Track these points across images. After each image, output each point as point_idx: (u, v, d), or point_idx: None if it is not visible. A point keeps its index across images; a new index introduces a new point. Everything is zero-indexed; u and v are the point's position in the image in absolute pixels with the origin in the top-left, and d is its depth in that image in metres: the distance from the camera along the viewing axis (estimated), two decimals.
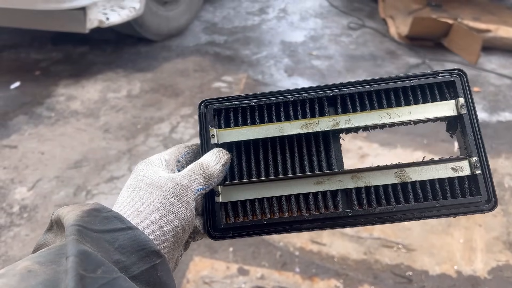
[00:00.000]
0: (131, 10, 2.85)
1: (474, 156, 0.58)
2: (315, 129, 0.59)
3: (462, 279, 1.68)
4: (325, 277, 1.66)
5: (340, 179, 0.58)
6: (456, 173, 0.58)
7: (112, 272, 0.37)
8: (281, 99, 0.60)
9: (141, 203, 0.48)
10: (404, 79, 0.60)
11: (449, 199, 0.57)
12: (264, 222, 0.57)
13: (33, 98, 2.73)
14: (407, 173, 0.58)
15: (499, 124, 2.69)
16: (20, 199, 1.97)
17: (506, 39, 3.49)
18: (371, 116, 0.59)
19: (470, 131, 0.59)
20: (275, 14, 4.21)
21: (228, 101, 0.61)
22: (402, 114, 0.59)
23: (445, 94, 0.61)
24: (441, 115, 0.59)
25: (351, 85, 0.61)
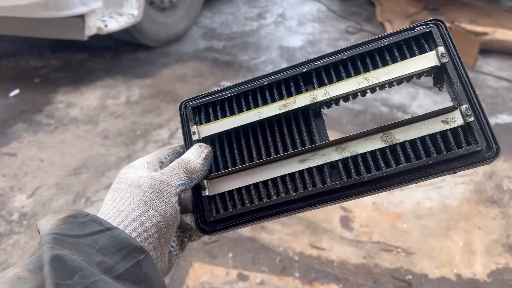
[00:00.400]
0: (130, 17, 2.86)
1: (464, 104, 0.54)
2: (293, 108, 0.57)
3: (462, 282, 1.68)
4: (325, 282, 1.66)
5: (324, 153, 0.56)
6: (448, 125, 0.54)
7: (90, 276, 0.37)
8: (256, 85, 0.59)
9: (122, 203, 0.48)
10: (377, 40, 0.57)
11: (443, 153, 0.52)
12: (252, 209, 0.56)
13: (32, 105, 2.74)
14: (393, 135, 0.54)
15: (497, 127, 2.69)
16: (20, 206, 1.97)
17: (503, 42, 3.50)
18: (349, 84, 0.56)
19: (456, 78, 0.55)
20: (273, 19, 4.23)
21: (206, 97, 0.62)
22: (380, 76, 0.56)
23: (424, 47, 0.57)
24: (422, 68, 0.55)
25: (324, 58, 0.58)
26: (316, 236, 1.85)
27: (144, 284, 0.43)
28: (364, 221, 1.93)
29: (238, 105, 0.61)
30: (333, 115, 2.73)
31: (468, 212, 2.01)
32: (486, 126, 0.54)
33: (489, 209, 2.03)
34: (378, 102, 2.91)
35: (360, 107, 2.85)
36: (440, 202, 2.06)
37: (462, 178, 2.22)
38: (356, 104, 2.88)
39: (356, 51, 0.57)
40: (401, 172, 0.53)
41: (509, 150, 2.46)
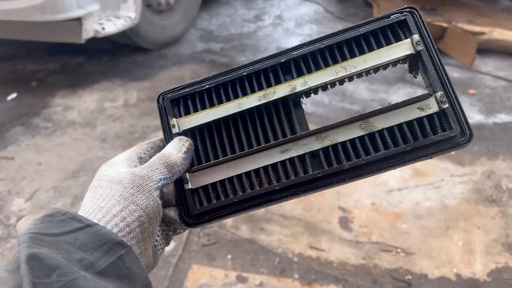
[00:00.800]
0: (127, 19, 2.86)
1: (439, 91, 0.55)
2: (272, 98, 0.57)
3: (462, 282, 1.67)
4: (324, 283, 1.65)
5: (305, 142, 0.56)
6: (424, 112, 0.55)
7: (69, 273, 0.37)
8: (235, 76, 0.59)
9: (102, 199, 0.48)
10: (354, 29, 0.58)
11: (420, 140, 0.54)
12: (236, 200, 0.56)
13: (30, 109, 2.74)
14: (372, 123, 0.55)
15: (495, 126, 2.69)
16: (18, 210, 1.96)
17: (501, 41, 3.51)
18: (327, 73, 0.57)
19: (431, 66, 0.56)
20: (270, 21, 4.24)
21: (184, 88, 0.61)
22: (357, 64, 0.57)
23: (399, 35, 0.58)
24: (398, 56, 0.57)
25: (302, 47, 0.59)
26: (315, 237, 1.85)
27: (127, 278, 0.42)
28: (363, 221, 1.92)
29: (217, 97, 0.60)
30: (331, 115, 2.73)
31: (467, 211, 2.01)
32: (460, 112, 0.55)
33: (488, 209, 2.03)
34: (376, 103, 2.91)
35: (358, 107, 2.85)
36: (439, 202, 2.06)
37: (461, 177, 2.22)
38: (354, 104, 2.88)
39: (333, 40, 0.58)
40: (380, 159, 0.54)
41: (508, 150, 2.45)
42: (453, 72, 3.33)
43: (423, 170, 2.27)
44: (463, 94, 3.04)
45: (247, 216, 1.91)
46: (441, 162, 2.33)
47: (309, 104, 2.86)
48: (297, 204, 2.00)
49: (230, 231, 1.86)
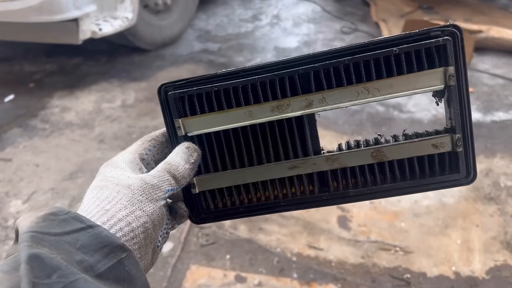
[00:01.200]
0: (124, 20, 2.86)
1: (458, 133, 0.53)
2: (286, 112, 0.53)
3: (460, 280, 1.67)
4: (323, 282, 1.65)
5: (315, 162, 0.55)
6: (437, 150, 0.54)
7: (69, 275, 0.36)
8: (246, 81, 0.54)
9: (108, 201, 0.47)
10: (388, 45, 0.51)
11: (426, 178, 0.54)
12: (241, 209, 0.58)
13: (27, 110, 2.73)
14: (384, 153, 0.54)
15: (493, 124, 2.69)
16: (15, 212, 1.96)
17: (498, 39, 3.51)
18: (348, 93, 0.52)
19: (457, 104, 0.52)
20: (268, 20, 4.23)
21: (190, 85, 0.55)
22: (382, 88, 0.52)
23: (435, 60, 0.52)
24: (426, 87, 0.52)
25: (325, 56, 0.53)
26: (314, 236, 1.84)
27: (126, 283, 0.42)
28: (362, 220, 1.92)
29: (226, 100, 0.55)
30: (329, 114, 2.73)
31: (466, 210, 2.01)
32: (471, 157, 0.54)
33: (487, 207, 2.03)
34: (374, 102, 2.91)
35: (356, 106, 2.85)
36: (437, 201, 2.06)
37: None
38: None
39: (361, 57, 0.52)
40: (384, 191, 0.55)
41: (506, 148, 2.46)
42: None
43: None
44: None
45: None
46: None
47: None
48: None
49: (228, 231, 1.85)
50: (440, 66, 0.52)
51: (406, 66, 0.52)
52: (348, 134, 2.52)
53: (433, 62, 0.52)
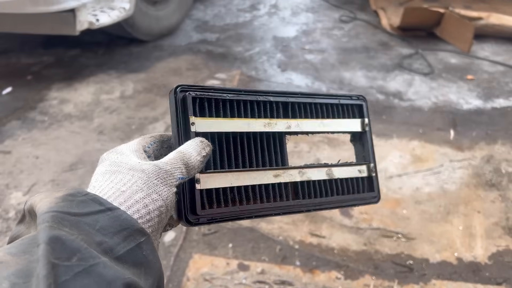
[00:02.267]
0: (121, 10, 2.83)
1: (372, 163, 0.76)
2: (273, 129, 0.68)
3: (463, 265, 1.68)
4: (326, 269, 1.65)
5: (291, 173, 0.68)
6: (360, 174, 0.75)
7: (89, 258, 0.36)
8: (251, 98, 0.67)
9: (123, 183, 0.46)
10: (335, 98, 0.76)
11: (356, 194, 0.74)
12: (238, 210, 0.62)
13: (26, 103, 2.71)
14: (333, 172, 0.72)
15: (494, 111, 2.69)
16: (16, 204, 1.95)
17: (498, 26, 3.49)
18: (312, 123, 0.72)
19: (369, 144, 0.77)
20: (266, 10, 4.20)
21: (206, 91, 0.63)
22: (330, 124, 0.74)
23: (355, 114, 0.77)
24: (352, 129, 0.76)
25: (302, 96, 0.72)
26: (316, 224, 1.84)
27: (143, 267, 0.42)
28: (364, 208, 1.92)
29: (231, 110, 0.65)
30: None
31: (467, 196, 2.01)
32: (377, 181, 0.77)
33: (488, 193, 2.03)
34: (374, 90, 2.90)
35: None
36: (439, 187, 2.06)
37: (460, 162, 2.22)
38: (352, 92, 2.86)
39: (322, 100, 0.74)
40: (333, 201, 0.71)
41: (506, 134, 2.45)
42: (451, 58, 3.32)
43: (422, 156, 2.26)
44: (461, 80, 3.04)
45: None
46: (440, 148, 2.33)
47: None
48: None
49: None
50: (359, 118, 0.77)
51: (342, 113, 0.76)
52: None
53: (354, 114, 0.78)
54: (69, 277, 0.34)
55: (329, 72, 3.12)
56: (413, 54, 3.37)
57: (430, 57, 3.31)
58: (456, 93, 2.87)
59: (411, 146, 2.34)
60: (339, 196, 0.72)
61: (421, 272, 1.65)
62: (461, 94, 2.86)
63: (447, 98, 2.81)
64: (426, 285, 1.60)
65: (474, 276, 1.64)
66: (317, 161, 2.18)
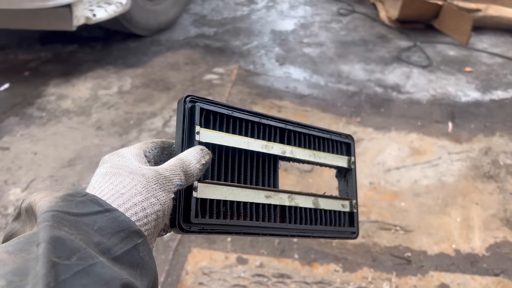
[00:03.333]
0: (118, 5, 2.82)
1: (354, 199, 0.79)
2: (270, 151, 0.70)
3: (461, 257, 1.69)
4: (324, 262, 1.66)
5: (281, 196, 0.70)
6: (343, 208, 0.77)
7: (88, 258, 0.36)
8: (254, 119, 0.70)
9: (122, 186, 0.47)
10: (327, 133, 0.80)
11: (337, 226, 0.77)
12: (230, 224, 0.63)
13: (24, 99, 2.71)
14: (319, 202, 0.74)
15: (492, 103, 2.69)
16: (15, 200, 1.95)
17: (496, 18, 3.48)
18: (304, 153, 0.75)
19: (354, 181, 0.80)
20: (264, 3, 4.18)
21: (214, 105, 0.65)
22: (321, 157, 0.77)
23: (343, 151, 0.81)
24: (341, 165, 0.80)
25: (299, 125, 0.76)
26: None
27: (139, 268, 0.42)
28: (362, 201, 1.92)
29: (233, 127, 0.68)
30: (327, 97, 2.72)
31: (465, 188, 2.01)
32: (357, 217, 0.79)
33: (486, 185, 2.03)
34: (372, 83, 2.89)
35: (355, 88, 2.83)
36: (437, 180, 2.06)
37: (458, 155, 2.22)
38: (350, 85, 2.86)
39: (316, 133, 0.78)
40: (316, 230, 0.74)
41: (504, 126, 2.45)
42: (449, 50, 3.31)
43: (421, 148, 2.27)
44: (459, 72, 3.03)
45: None
46: (439, 140, 2.33)
47: (305, 86, 2.84)
48: (296, 185, 2.00)
49: None
50: (346, 155, 0.81)
51: (332, 148, 0.80)
52: (347, 116, 2.52)
53: (342, 151, 0.81)
54: (68, 276, 0.34)
55: (327, 65, 3.11)
56: (411, 46, 3.36)
57: (428, 49, 3.31)
58: (454, 86, 2.86)
59: (410, 138, 2.34)
60: (322, 226, 0.74)
61: (419, 264, 1.66)
62: (459, 87, 2.85)
63: (446, 91, 2.81)
64: (424, 277, 1.61)
65: (472, 268, 1.64)
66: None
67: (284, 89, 2.80)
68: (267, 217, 0.68)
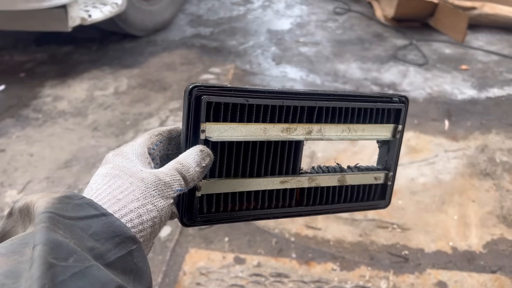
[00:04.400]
0: (113, 6, 2.81)
1: (391, 172, 0.71)
2: (291, 135, 0.62)
3: (458, 254, 1.69)
4: (322, 261, 1.66)
5: (300, 179, 0.65)
6: (375, 181, 0.70)
7: (84, 260, 0.36)
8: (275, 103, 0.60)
9: (120, 191, 0.46)
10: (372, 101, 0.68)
11: (365, 201, 0.70)
12: (235, 215, 0.61)
13: (19, 100, 2.70)
14: (346, 179, 0.67)
15: (488, 101, 2.69)
16: (11, 202, 1.95)
17: (491, 16, 3.49)
18: (336, 129, 0.65)
19: (395, 152, 0.71)
20: (260, 3, 4.18)
21: (225, 93, 0.57)
22: (358, 130, 0.67)
23: (390, 118, 0.70)
24: (382, 137, 0.70)
25: (335, 98, 0.64)
26: (311, 216, 1.85)
27: (133, 274, 0.42)
28: None
29: (249, 114, 0.59)
30: None
31: (462, 186, 2.02)
32: (392, 189, 0.72)
33: (483, 182, 2.04)
34: (368, 82, 2.90)
35: (351, 87, 2.83)
36: (434, 178, 2.06)
37: (455, 152, 2.22)
38: (346, 84, 2.86)
39: (359, 104, 0.66)
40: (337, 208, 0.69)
41: (500, 123, 2.46)
42: (445, 48, 3.32)
43: (417, 147, 2.27)
44: (455, 70, 3.04)
45: None
46: (435, 138, 2.33)
47: (301, 85, 2.85)
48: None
49: None
50: (394, 123, 0.70)
51: (375, 117, 0.68)
52: None
53: (390, 119, 0.70)
54: (66, 277, 0.34)
55: (323, 64, 3.11)
56: (407, 45, 3.37)
57: (424, 47, 3.31)
58: (450, 84, 2.87)
59: (406, 137, 2.35)
60: (345, 203, 0.68)
61: (416, 262, 1.66)
62: (455, 85, 2.86)
63: (442, 89, 2.81)
64: (421, 274, 1.61)
65: (469, 265, 1.65)
66: (311, 154, 2.18)
67: None
68: (281, 201, 0.64)
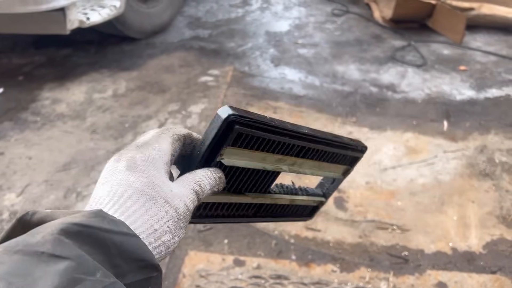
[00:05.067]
0: (112, 8, 2.81)
1: (327, 200, 0.79)
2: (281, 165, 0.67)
3: (458, 255, 1.69)
4: (322, 263, 1.66)
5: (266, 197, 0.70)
6: (313, 204, 0.78)
7: (110, 276, 0.36)
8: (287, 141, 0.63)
9: (156, 220, 0.46)
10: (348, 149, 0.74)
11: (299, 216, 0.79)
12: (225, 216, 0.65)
13: (18, 103, 2.69)
14: (295, 200, 0.74)
15: (487, 101, 2.69)
16: (10, 205, 1.94)
17: (489, 16, 3.49)
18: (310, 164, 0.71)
19: (337, 186, 0.79)
20: (258, 5, 4.18)
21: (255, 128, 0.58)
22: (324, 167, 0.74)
23: (347, 162, 0.78)
24: (336, 175, 0.77)
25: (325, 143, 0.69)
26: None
27: None
28: (358, 201, 1.92)
29: (268, 145, 0.62)
30: (322, 97, 2.72)
31: (461, 186, 2.02)
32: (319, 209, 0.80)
33: (482, 183, 2.04)
34: (367, 83, 2.90)
35: (350, 88, 2.83)
36: (433, 178, 2.06)
37: (454, 153, 2.22)
38: (345, 85, 2.86)
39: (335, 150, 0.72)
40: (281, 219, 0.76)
41: (499, 124, 2.46)
42: (443, 49, 3.32)
43: (417, 147, 2.27)
44: (453, 71, 3.04)
45: None
46: (434, 139, 2.33)
47: (300, 87, 2.85)
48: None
49: None
50: (349, 165, 0.78)
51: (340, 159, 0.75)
52: (342, 116, 2.52)
53: (346, 162, 0.77)
54: None
55: (322, 66, 3.12)
56: (405, 46, 3.37)
57: (422, 48, 3.31)
58: (449, 84, 2.87)
59: (405, 138, 2.34)
60: (285, 217, 0.75)
61: (416, 263, 1.66)
62: (454, 85, 2.86)
63: (440, 89, 2.81)
64: (421, 275, 1.61)
65: (469, 266, 1.64)
66: None
67: (280, 90, 2.80)
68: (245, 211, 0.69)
